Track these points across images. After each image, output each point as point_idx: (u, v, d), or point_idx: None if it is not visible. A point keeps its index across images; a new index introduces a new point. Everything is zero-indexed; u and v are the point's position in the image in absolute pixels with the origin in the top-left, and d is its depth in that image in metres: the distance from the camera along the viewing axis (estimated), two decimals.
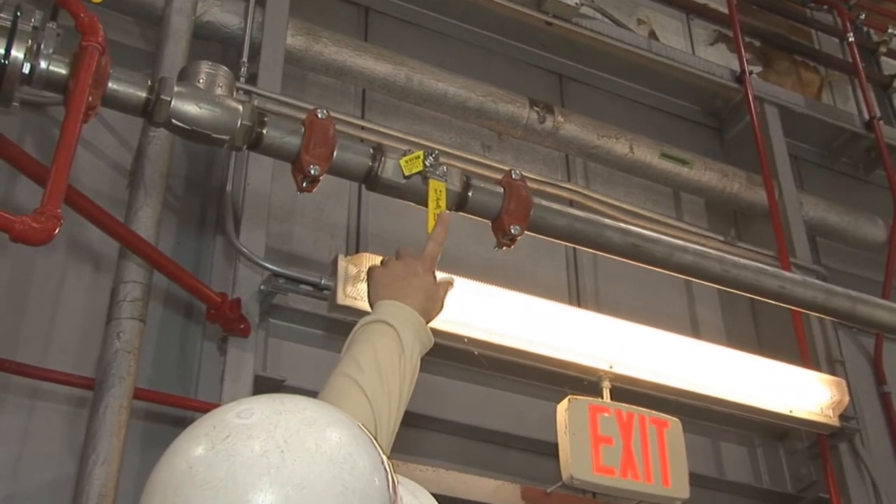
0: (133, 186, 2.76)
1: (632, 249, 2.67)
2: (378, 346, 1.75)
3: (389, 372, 1.71)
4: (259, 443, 1.13)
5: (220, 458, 1.12)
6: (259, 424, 1.15)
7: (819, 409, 3.32)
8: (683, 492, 2.87)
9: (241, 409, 1.18)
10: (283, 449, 1.12)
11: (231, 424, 1.16)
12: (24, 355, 2.57)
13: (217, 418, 1.19)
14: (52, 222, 1.83)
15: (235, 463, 1.11)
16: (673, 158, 3.78)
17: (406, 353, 1.76)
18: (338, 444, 1.17)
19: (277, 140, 2.33)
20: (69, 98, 2.11)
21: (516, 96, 3.62)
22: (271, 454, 1.12)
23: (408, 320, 1.82)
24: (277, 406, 1.19)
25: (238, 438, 1.14)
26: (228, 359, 2.67)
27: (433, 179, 2.35)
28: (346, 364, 1.72)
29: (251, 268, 2.80)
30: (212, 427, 1.17)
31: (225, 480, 1.11)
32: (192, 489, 1.12)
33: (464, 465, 2.94)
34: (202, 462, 1.13)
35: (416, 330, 1.82)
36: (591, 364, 2.98)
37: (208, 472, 1.12)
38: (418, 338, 1.82)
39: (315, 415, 1.20)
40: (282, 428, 1.15)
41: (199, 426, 1.19)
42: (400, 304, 1.84)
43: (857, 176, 4.55)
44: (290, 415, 1.18)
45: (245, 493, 1.10)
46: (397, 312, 1.82)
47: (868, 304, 3.06)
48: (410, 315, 1.83)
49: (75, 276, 2.77)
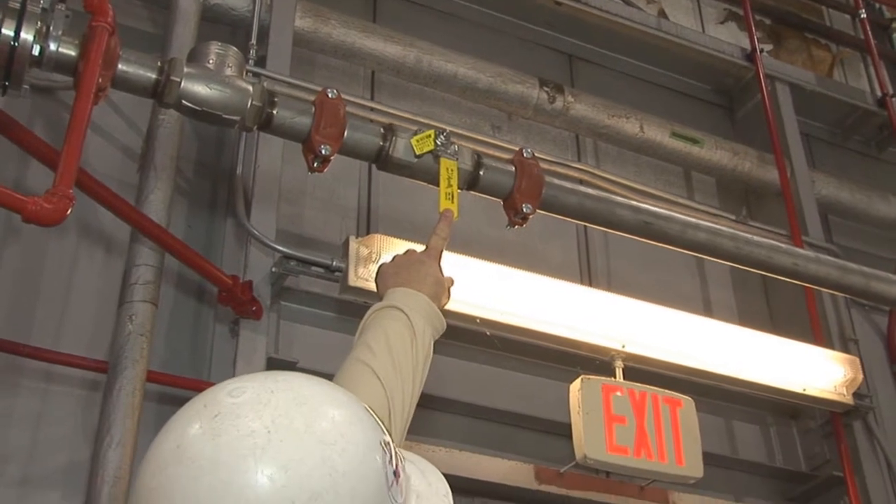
0: (143, 170, 2.75)
1: (644, 227, 2.66)
2: (390, 330, 1.75)
3: (402, 355, 1.72)
4: (246, 422, 1.12)
5: (206, 438, 1.12)
6: (248, 403, 1.14)
7: (832, 388, 3.31)
8: (697, 471, 2.87)
9: (234, 388, 1.17)
10: (269, 429, 1.11)
11: (221, 403, 1.15)
12: (37, 339, 2.57)
13: (209, 397, 1.18)
14: (64, 202, 1.83)
15: (221, 443, 1.10)
16: (684, 137, 3.76)
17: (418, 336, 1.77)
18: (330, 425, 1.15)
19: (288, 120, 2.33)
20: (79, 79, 2.11)
21: (526, 77, 3.60)
22: (258, 434, 1.10)
23: (418, 304, 1.82)
24: (270, 385, 1.18)
25: (226, 418, 1.13)
26: (241, 341, 2.67)
27: (444, 158, 2.35)
28: (359, 349, 1.72)
29: (262, 250, 2.79)
30: (203, 406, 1.16)
31: (210, 460, 1.10)
32: (177, 468, 1.11)
33: (477, 445, 2.94)
34: (189, 441, 1.13)
35: (428, 314, 1.83)
36: (604, 344, 2.98)
37: (194, 452, 1.11)
38: (430, 321, 1.82)
39: (308, 393, 1.18)
40: (271, 407, 1.13)
41: (192, 405, 1.18)
42: (410, 289, 1.85)
43: (870, 154, 4.53)
44: (282, 394, 1.16)
45: (228, 473, 1.09)
46: (407, 297, 1.83)
47: (883, 281, 3.05)
48: (421, 299, 1.84)
49: (87, 259, 2.77)
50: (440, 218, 2.12)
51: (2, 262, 2.67)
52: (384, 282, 1.92)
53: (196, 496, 1.09)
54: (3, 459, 2.44)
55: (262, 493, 1.08)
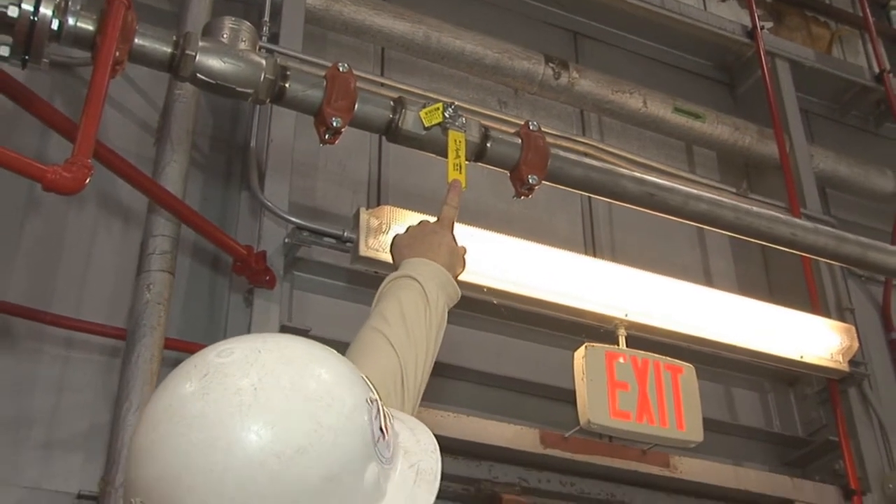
0: (160, 143, 2.74)
1: (647, 198, 2.65)
2: (403, 299, 1.75)
3: (415, 323, 1.72)
4: (234, 381, 1.12)
5: (195, 396, 1.12)
6: (236, 363, 1.14)
7: (829, 355, 3.31)
8: (697, 435, 2.86)
9: (223, 349, 1.18)
10: (256, 387, 1.11)
11: (211, 363, 1.15)
12: (58, 307, 2.58)
13: (200, 358, 1.18)
14: (83, 171, 1.83)
15: (209, 401, 1.11)
16: (686, 112, 3.74)
17: (431, 304, 1.77)
18: (315, 382, 1.15)
19: (300, 93, 2.32)
20: (97, 53, 2.10)
21: (532, 53, 3.58)
22: (244, 392, 1.11)
23: (432, 273, 1.82)
24: (258, 345, 1.18)
25: (215, 377, 1.13)
26: (255, 310, 2.67)
27: (453, 130, 2.34)
28: (374, 318, 1.73)
29: (275, 221, 2.79)
30: (193, 366, 1.17)
31: (199, 417, 1.10)
32: (168, 425, 1.12)
33: (485, 411, 2.94)
34: (180, 400, 1.13)
35: (441, 282, 1.83)
36: (607, 312, 2.97)
37: (184, 410, 1.12)
38: (443, 290, 1.82)
39: (295, 353, 1.18)
40: (258, 366, 1.14)
41: (184, 366, 1.19)
42: (424, 259, 1.85)
43: (867, 129, 4.50)
44: (269, 353, 1.16)
45: (216, 429, 1.09)
46: (421, 267, 1.83)
47: (879, 251, 3.04)
48: (435, 268, 1.84)
49: (106, 230, 2.77)
50: (449, 188, 2.11)
51: (24, 233, 2.67)
52: (399, 252, 1.93)
53: (186, 452, 1.09)
54: (28, 423, 2.45)
55: (249, 448, 1.08)
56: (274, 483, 1.08)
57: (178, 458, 1.10)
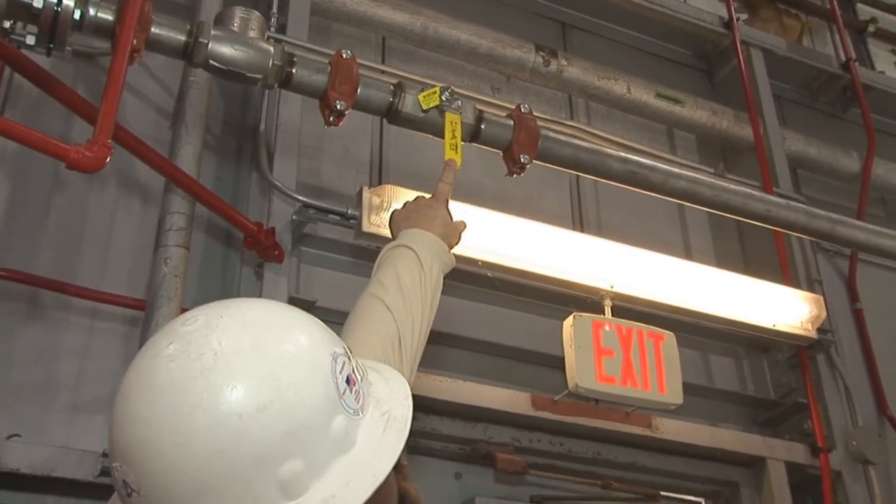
0: (175, 127, 2.73)
1: (631, 176, 2.64)
2: (399, 266, 1.75)
3: (411, 289, 1.72)
4: (196, 347, 1.10)
5: (161, 365, 1.10)
6: (199, 330, 1.12)
7: (799, 324, 3.31)
8: (677, 398, 2.87)
9: (188, 318, 1.16)
10: (216, 352, 1.09)
11: (176, 332, 1.14)
12: (83, 280, 2.58)
13: (167, 328, 1.17)
14: (104, 150, 1.82)
15: (173, 368, 1.09)
16: (667, 98, 3.72)
17: (426, 270, 1.77)
18: (275, 342, 1.13)
19: (306, 78, 2.30)
20: (116, 41, 2.09)
21: (523, 42, 3.55)
22: (206, 357, 1.09)
23: (426, 242, 1.82)
24: (221, 311, 1.16)
25: (179, 344, 1.11)
26: (265, 282, 2.66)
27: (449, 112, 2.33)
28: (373, 285, 1.73)
29: (284, 199, 2.77)
30: (163, 336, 1.15)
31: (164, 384, 1.09)
32: (138, 394, 1.10)
33: (479, 377, 2.93)
34: (148, 370, 1.12)
35: (436, 250, 1.83)
36: (594, 284, 2.96)
37: (151, 379, 1.10)
38: (438, 257, 1.82)
39: (256, 316, 1.16)
40: (219, 331, 1.12)
41: (154, 337, 1.17)
42: (419, 230, 1.85)
43: (835, 113, 4.48)
44: (230, 318, 1.14)
45: (180, 394, 1.08)
46: (416, 236, 1.83)
47: (846, 226, 3.04)
48: (429, 238, 1.84)
49: (125, 208, 2.76)
50: (445, 167, 2.10)
51: (50, 213, 2.66)
52: (397, 225, 1.93)
53: (156, 418, 1.08)
54: (56, 387, 2.45)
55: (211, 410, 1.07)
56: (238, 441, 1.06)
57: (147, 425, 1.08)
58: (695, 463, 3.17)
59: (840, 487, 3.22)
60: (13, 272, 2.46)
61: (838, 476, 3.23)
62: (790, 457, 3.23)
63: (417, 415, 2.72)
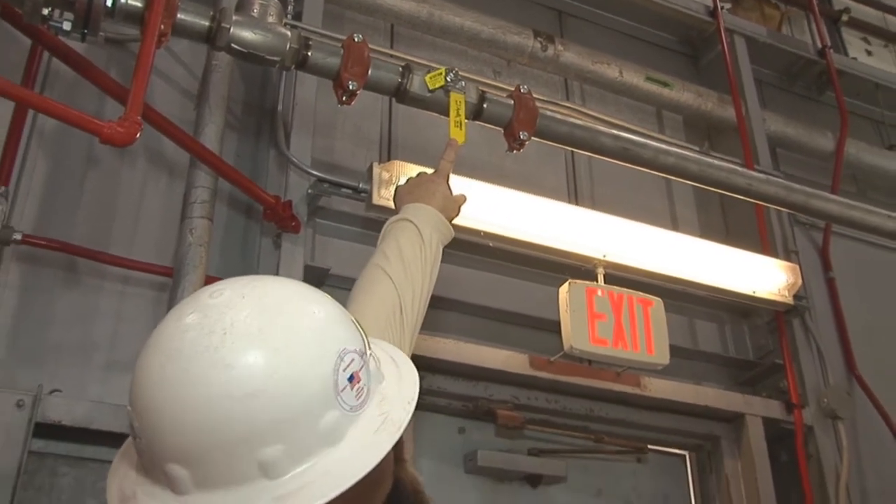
0: (199, 107, 2.72)
1: (623, 152, 2.63)
2: (401, 239, 1.76)
3: (411, 259, 1.72)
4: (210, 322, 1.08)
5: (179, 332, 1.09)
6: (219, 306, 1.10)
7: (777, 291, 3.31)
8: (664, 359, 2.87)
9: (215, 290, 1.13)
10: (226, 331, 1.07)
11: (200, 303, 1.11)
12: (115, 249, 2.58)
13: (196, 296, 1.15)
14: (135, 126, 1.81)
15: (186, 338, 1.08)
16: (656, 81, 3.70)
17: (425, 242, 1.77)
18: (282, 332, 1.09)
19: (321, 60, 2.29)
20: (145, 26, 2.07)
21: (522, 29, 3.52)
22: (215, 334, 1.07)
23: (426, 215, 1.83)
24: (245, 290, 1.13)
25: (198, 315, 1.09)
26: (282, 252, 2.65)
27: (454, 92, 2.32)
28: (376, 256, 1.73)
29: (300, 175, 2.76)
30: (188, 303, 1.13)
31: (175, 352, 1.07)
32: (153, 357, 1.09)
33: (481, 339, 2.94)
34: (167, 333, 1.10)
35: (435, 223, 1.83)
36: (588, 253, 2.96)
37: (167, 343, 1.09)
38: (437, 229, 1.82)
39: (275, 301, 1.12)
40: (236, 310, 1.09)
41: (182, 303, 1.15)
42: (420, 204, 1.85)
43: (811, 96, 4.45)
44: (250, 299, 1.11)
45: (185, 365, 1.06)
46: (417, 210, 1.83)
47: (820, 199, 3.03)
48: (429, 211, 1.84)
49: (154, 183, 2.75)
50: (447, 145, 2.10)
51: (85, 187, 2.66)
52: (400, 199, 1.93)
53: (162, 381, 1.07)
54: (92, 347, 2.46)
55: (208, 386, 1.05)
56: (226, 420, 1.05)
57: (153, 384, 1.08)
58: (680, 419, 3.18)
59: (812, 440, 3.23)
60: (53, 241, 2.46)
61: (810, 430, 3.24)
62: (767, 413, 3.24)
63: (424, 374, 2.72)
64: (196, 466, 1.06)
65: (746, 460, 3.16)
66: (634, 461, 3.15)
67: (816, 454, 3.20)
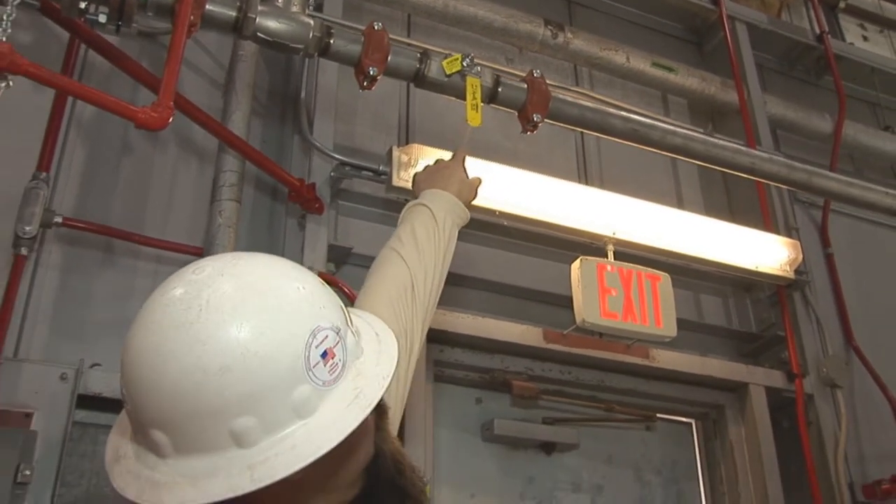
0: (227, 95, 2.71)
1: (632, 133, 2.60)
2: (416, 223, 1.76)
3: (425, 242, 1.72)
4: (188, 297, 1.07)
5: (160, 306, 1.08)
6: (199, 282, 1.09)
7: (778, 266, 3.28)
8: (672, 332, 2.85)
9: (199, 266, 1.13)
10: (202, 307, 1.06)
11: (184, 278, 1.11)
12: (149, 230, 2.58)
13: (182, 272, 1.14)
14: (167, 112, 1.80)
15: (166, 313, 1.07)
16: (662, 66, 3.66)
17: (439, 224, 1.78)
18: (255, 310, 1.08)
19: (342, 48, 2.27)
20: (175, 17, 2.06)
21: (533, 17, 3.49)
22: (192, 310, 1.06)
23: (441, 200, 1.83)
24: (226, 268, 1.11)
25: (179, 290, 1.08)
26: (307, 232, 2.65)
27: (470, 76, 2.30)
28: (392, 239, 1.75)
29: (323, 158, 2.75)
30: (174, 278, 1.13)
31: (154, 325, 1.07)
32: (138, 326, 1.10)
33: (496, 314, 2.93)
34: (151, 307, 1.10)
35: (450, 207, 1.84)
36: (598, 231, 2.94)
37: (150, 315, 1.09)
38: (452, 213, 1.83)
39: (252, 280, 1.11)
40: (212, 289, 1.08)
41: (170, 278, 1.14)
42: (436, 189, 1.85)
43: (810, 81, 4.39)
44: (228, 277, 1.10)
45: (162, 338, 1.06)
46: (432, 195, 1.84)
47: (821, 177, 2.99)
48: (444, 196, 1.85)
49: (185, 167, 2.74)
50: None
51: (120, 172, 2.65)
52: (418, 186, 1.95)
53: (141, 351, 1.07)
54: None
55: (181, 359, 1.05)
56: (197, 393, 1.05)
57: (135, 353, 1.08)
58: (686, 388, 3.16)
59: (812, 408, 3.21)
60: (91, 224, 2.46)
61: (810, 398, 3.21)
62: (769, 382, 3.22)
63: (443, 347, 2.75)
64: (174, 433, 1.07)
65: (750, 427, 3.14)
66: (644, 429, 3.13)
67: (816, 421, 3.18)
